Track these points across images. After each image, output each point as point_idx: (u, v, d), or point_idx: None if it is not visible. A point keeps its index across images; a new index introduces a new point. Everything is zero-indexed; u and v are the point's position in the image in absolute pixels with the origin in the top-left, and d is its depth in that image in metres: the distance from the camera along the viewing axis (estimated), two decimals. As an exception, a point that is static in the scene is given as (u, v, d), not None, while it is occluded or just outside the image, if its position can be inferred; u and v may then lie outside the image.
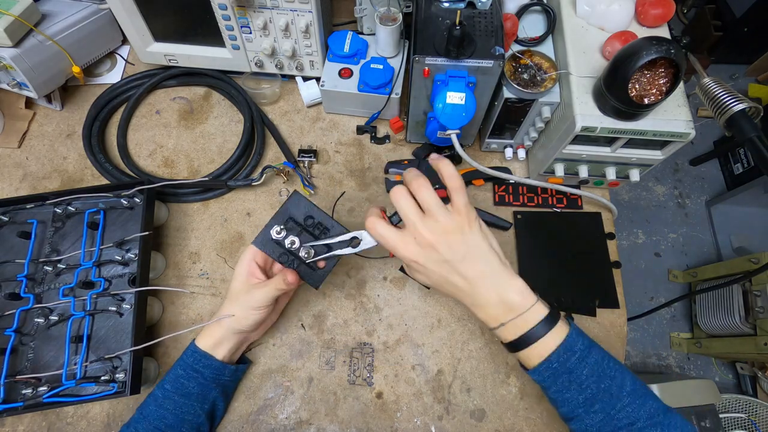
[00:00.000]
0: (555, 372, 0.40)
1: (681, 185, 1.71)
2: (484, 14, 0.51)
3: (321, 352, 0.56)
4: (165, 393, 0.47)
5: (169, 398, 0.47)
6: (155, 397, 0.47)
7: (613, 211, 0.62)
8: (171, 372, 0.48)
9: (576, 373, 0.40)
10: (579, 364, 0.40)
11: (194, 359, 0.48)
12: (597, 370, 0.40)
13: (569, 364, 0.40)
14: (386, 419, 0.53)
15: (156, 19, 0.64)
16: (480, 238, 0.41)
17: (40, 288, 0.53)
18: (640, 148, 0.53)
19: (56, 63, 0.63)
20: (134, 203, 0.56)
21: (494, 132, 0.62)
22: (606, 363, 0.41)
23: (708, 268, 1.39)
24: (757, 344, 1.15)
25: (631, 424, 0.38)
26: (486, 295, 0.41)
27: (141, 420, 0.46)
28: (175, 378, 0.47)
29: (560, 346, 0.40)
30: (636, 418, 0.38)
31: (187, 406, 0.47)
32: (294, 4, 0.58)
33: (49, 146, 0.68)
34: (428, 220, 0.40)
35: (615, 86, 0.45)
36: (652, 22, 0.53)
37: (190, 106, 0.71)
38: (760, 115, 0.45)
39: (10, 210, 0.57)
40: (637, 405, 0.39)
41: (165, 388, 0.47)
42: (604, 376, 0.40)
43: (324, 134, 0.69)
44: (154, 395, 0.47)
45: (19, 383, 0.49)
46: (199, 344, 0.48)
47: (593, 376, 0.40)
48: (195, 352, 0.48)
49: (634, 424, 0.38)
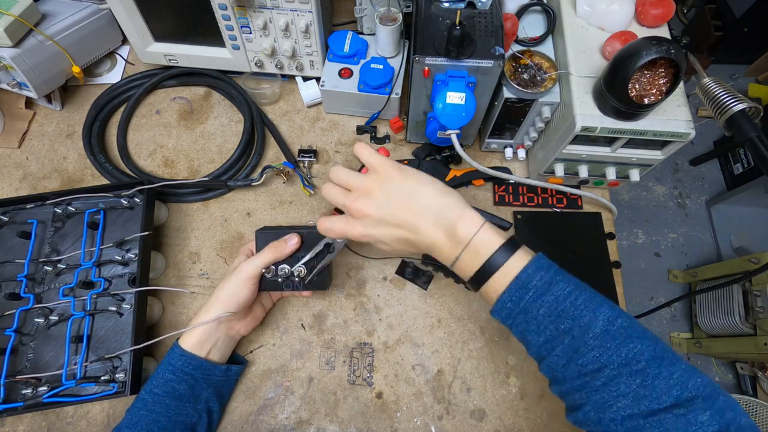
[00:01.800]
0: (510, 312, 0.37)
1: (681, 185, 1.71)
2: (484, 14, 0.51)
3: (321, 352, 0.56)
4: (155, 397, 0.46)
5: (159, 402, 0.46)
6: (145, 402, 0.46)
7: (613, 211, 0.62)
8: (159, 375, 0.47)
9: (531, 313, 0.36)
10: (534, 303, 0.36)
11: (183, 362, 0.47)
12: (556, 308, 0.35)
13: (523, 304, 0.36)
14: (386, 419, 0.53)
15: (156, 19, 0.64)
16: (402, 180, 0.40)
17: (40, 288, 0.53)
18: (640, 148, 0.53)
19: (56, 63, 0.63)
20: (134, 203, 0.56)
21: (494, 132, 0.62)
22: (572, 300, 0.35)
23: (708, 268, 1.39)
24: (757, 344, 1.15)
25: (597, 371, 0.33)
26: (433, 235, 0.39)
27: (132, 426, 0.45)
28: (165, 382, 0.46)
29: (512, 283, 0.36)
30: (604, 364, 0.33)
31: (179, 407, 0.47)
32: (294, 4, 0.58)
33: (49, 146, 0.68)
34: (351, 193, 0.41)
35: (615, 86, 0.45)
36: (652, 22, 0.53)
37: (190, 106, 0.71)
38: (760, 115, 0.45)
39: (10, 210, 0.57)
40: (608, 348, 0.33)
41: (155, 392, 0.46)
42: (564, 315, 0.35)
43: (324, 134, 0.69)
44: (143, 399, 0.46)
45: (19, 383, 0.49)
46: (184, 345, 0.48)
47: (550, 316, 0.35)
48: (183, 356, 0.47)
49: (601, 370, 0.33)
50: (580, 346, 0.34)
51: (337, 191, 0.43)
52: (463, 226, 0.38)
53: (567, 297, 0.35)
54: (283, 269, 0.50)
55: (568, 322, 0.35)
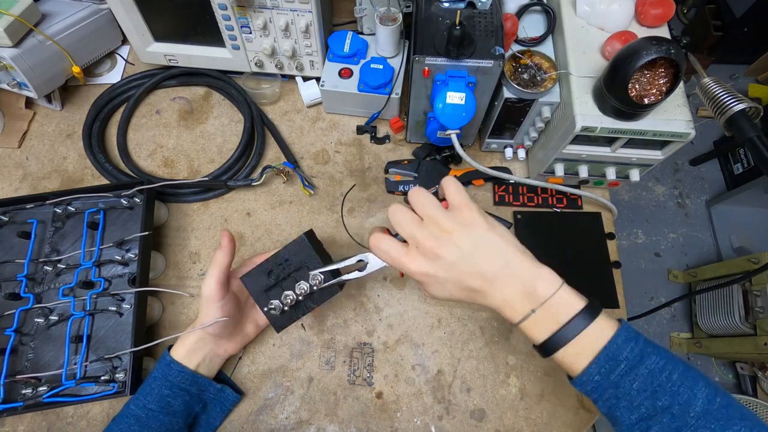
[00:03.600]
0: (597, 386, 0.34)
1: (681, 185, 1.71)
2: (484, 14, 0.51)
3: (321, 352, 0.56)
4: (150, 413, 0.45)
5: (154, 418, 0.45)
6: (138, 418, 0.45)
7: (613, 211, 0.62)
8: (154, 390, 0.46)
9: (623, 388, 0.33)
10: (626, 376, 0.33)
11: (181, 378, 0.46)
12: (651, 383, 0.32)
13: (614, 377, 0.33)
14: (386, 419, 0.53)
15: (156, 19, 0.64)
16: (487, 231, 0.36)
17: (40, 288, 0.53)
18: (640, 148, 0.53)
19: (56, 63, 0.63)
20: (134, 203, 0.56)
21: (494, 132, 0.62)
22: (667, 374, 0.33)
23: (708, 268, 1.39)
24: (757, 344, 1.15)
25: None
26: (509, 290, 0.36)
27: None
28: (161, 397, 0.46)
29: (600, 353, 0.33)
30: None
31: (173, 423, 0.46)
32: (294, 4, 0.58)
33: (49, 146, 0.68)
34: (427, 225, 0.37)
35: (615, 86, 0.45)
36: (652, 22, 0.53)
37: (190, 106, 0.71)
38: (760, 115, 0.45)
39: (10, 210, 0.57)
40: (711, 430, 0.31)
41: (149, 408, 0.45)
42: (661, 391, 0.32)
43: (324, 134, 0.69)
44: (136, 415, 0.45)
45: (19, 383, 0.49)
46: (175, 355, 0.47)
47: (645, 392, 0.33)
48: (182, 372, 0.47)
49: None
50: (682, 426, 0.31)
51: (407, 217, 0.37)
52: (541, 284, 0.36)
53: (662, 371, 0.33)
54: (287, 296, 0.44)
55: (666, 398, 0.32)
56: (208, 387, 0.49)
